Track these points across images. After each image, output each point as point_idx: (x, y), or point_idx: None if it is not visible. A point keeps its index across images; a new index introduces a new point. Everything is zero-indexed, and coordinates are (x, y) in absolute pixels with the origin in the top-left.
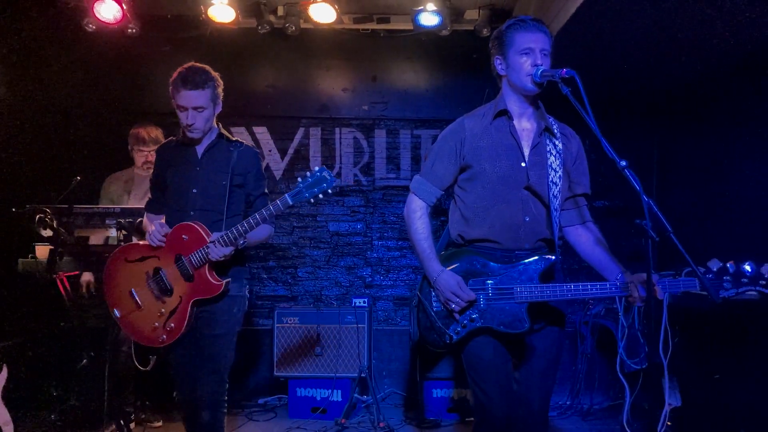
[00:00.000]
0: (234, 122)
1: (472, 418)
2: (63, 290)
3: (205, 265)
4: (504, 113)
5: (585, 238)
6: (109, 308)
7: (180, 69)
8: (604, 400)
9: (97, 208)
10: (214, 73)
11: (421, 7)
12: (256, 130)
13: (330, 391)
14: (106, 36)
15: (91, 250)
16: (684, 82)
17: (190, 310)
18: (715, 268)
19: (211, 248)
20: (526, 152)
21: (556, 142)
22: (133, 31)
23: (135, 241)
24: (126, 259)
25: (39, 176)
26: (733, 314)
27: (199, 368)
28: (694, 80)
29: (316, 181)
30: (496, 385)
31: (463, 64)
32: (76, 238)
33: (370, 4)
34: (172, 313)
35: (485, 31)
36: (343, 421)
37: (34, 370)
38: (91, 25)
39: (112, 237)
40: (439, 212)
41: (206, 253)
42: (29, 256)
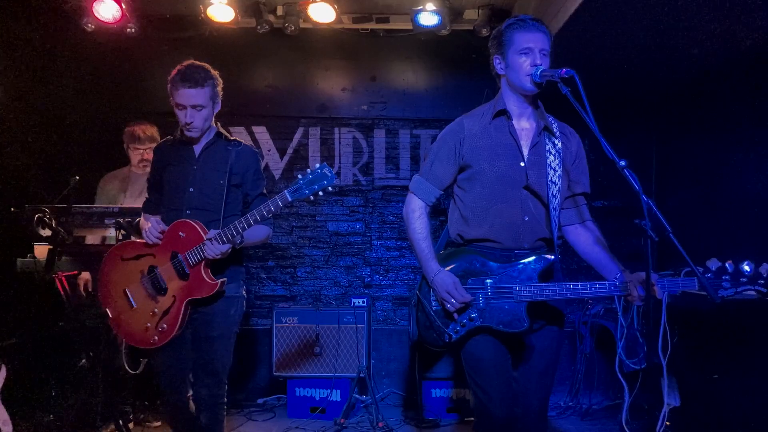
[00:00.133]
0: (233, 122)
1: (472, 418)
2: (62, 290)
3: (201, 264)
4: (503, 113)
5: (584, 238)
6: (102, 308)
7: (179, 67)
8: (603, 399)
9: (96, 208)
10: (214, 71)
11: (421, 7)
12: (256, 130)
13: (329, 390)
14: (106, 36)
15: (89, 250)
16: (683, 82)
17: (183, 310)
18: (713, 268)
19: (207, 245)
20: (525, 152)
21: (556, 142)
22: (133, 30)
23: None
24: (121, 257)
25: (38, 176)
26: (732, 314)
27: (196, 370)
28: (694, 80)
29: (317, 177)
30: (495, 384)
31: (463, 64)
32: (75, 238)
33: (370, 4)
34: (165, 313)
35: (484, 31)
36: (342, 421)
37: (32, 369)
38: (90, 25)
39: (110, 236)
40: (438, 212)
41: (202, 251)
42: (28, 256)
